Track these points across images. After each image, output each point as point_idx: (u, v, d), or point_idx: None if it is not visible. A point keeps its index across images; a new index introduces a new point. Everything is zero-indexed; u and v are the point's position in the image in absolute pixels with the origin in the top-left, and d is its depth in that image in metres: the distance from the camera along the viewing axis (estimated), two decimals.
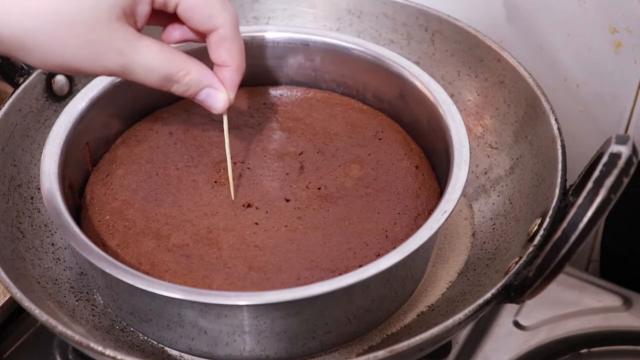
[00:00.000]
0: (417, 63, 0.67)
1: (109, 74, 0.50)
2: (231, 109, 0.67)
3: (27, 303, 0.52)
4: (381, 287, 0.55)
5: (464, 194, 0.64)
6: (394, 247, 0.53)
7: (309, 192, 0.61)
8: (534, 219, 0.56)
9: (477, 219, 0.64)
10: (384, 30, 0.72)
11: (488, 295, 0.52)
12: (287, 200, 0.61)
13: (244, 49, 0.53)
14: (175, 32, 0.54)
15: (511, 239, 0.59)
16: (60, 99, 0.66)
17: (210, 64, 0.55)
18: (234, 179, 0.62)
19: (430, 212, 0.57)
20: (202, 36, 0.54)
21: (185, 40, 0.54)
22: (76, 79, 0.67)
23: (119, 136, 0.65)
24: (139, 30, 0.50)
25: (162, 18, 0.54)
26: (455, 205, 0.55)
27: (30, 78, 0.65)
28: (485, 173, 0.66)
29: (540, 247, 0.53)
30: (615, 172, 0.49)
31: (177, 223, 0.59)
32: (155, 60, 0.50)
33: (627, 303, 0.74)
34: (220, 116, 0.67)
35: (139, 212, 0.59)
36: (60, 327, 0.51)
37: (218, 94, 0.54)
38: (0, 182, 0.61)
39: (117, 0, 0.47)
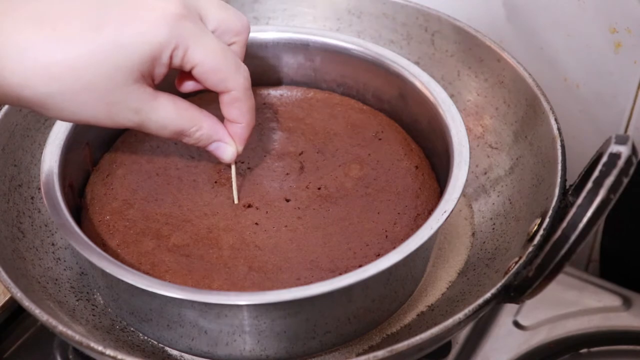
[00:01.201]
0: (417, 63, 0.67)
1: (126, 128, 0.53)
2: None
3: (27, 303, 0.52)
4: (381, 287, 0.55)
5: (463, 194, 0.64)
6: (394, 247, 0.53)
7: (309, 192, 0.61)
8: (534, 219, 0.56)
9: (477, 219, 0.64)
10: (384, 30, 0.72)
11: (488, 295, 0.52)
12: (287, 200, 0.61)
13: (254, 107, 0.55)
14: (189, 83, 0.55)
15: (511, 239, 0.59)
16: None
17: None
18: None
19: (430, 212, 0.57)
20: (215, 91, 0.55)
21: (199, 91, 0.56)
22: None
23: (120, 136, 0.65)
24: (155, 85, 0.52)
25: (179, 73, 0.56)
26: (455, 205, 0.55)
27: None
28: (485, 173, 0.66)
29: (540, 247, 0.53)
30: (614, 172, 0.49)
31: (178, 223, 0.59)
32: (169, 118, 0.52)
33: (627, 303, 0.74)
34: (216, 115, 0.67)
35: (139, 212, 0.59)
36: (61, 327, 0.51)
37: (227, 147, 0.56)
38: (0, 182, 0.61)
39: (135, 64, 0.48)
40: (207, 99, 0.68)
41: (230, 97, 0.53)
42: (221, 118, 0.56)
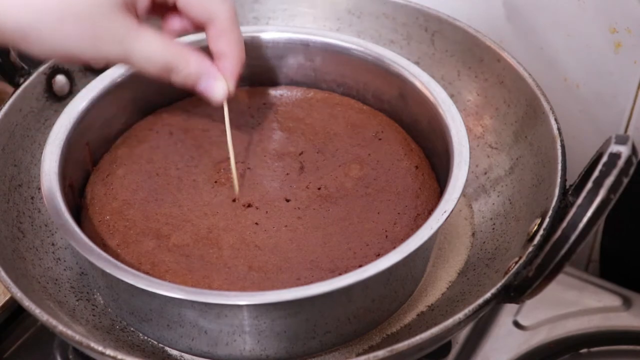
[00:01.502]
0: (417, 63, 0.67)
1: (111, 62, 0.51)
2: (231, 110, 0.67)
3: (27, 303, 0.52)
4: (381, 287, 0.55)
5: (463, 194, 0.64)
6: (394, 247, 0.53)
7: (309, 192, 0.61)
8: (534, 219, 0.56)
9: (477, 219, 0.64)
10: (384, 30, 0.72)
11: (488, 295, 0.52)
12: (287, 200, 0.61)
13: (242, 40, 0.54)
14: (175, 23, 0.54)
15: (511, 239, 0.59)
16: (60, 99, 0.67)
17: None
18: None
19: (430, 212, 0.57)
20: (201, 28, 0.54)
21: (186, 32, 0.55)
22: (76, 79, 0.67)
23: (120, 136, 0.65)
24: (139, 20, 0.51)
25: (162, 10, 0.55)
26: (455, 205, 0.55)
27: (31, 78, 0.65)
28: (485, 173, 0.66)
29: (540, 247, 0.53)
30: (615, 172, 0.49)
31: (178, 223, 0.59)
32: (155, 50, 0.51)
33: (627, 303, 0.74)
34: (220, 116, 0.67)
35: (139, 212, 0.59)
36: (61, 327, 0.51)
37: (217, 84, 0.54)
38: (0, 182, 0.61)
39: None
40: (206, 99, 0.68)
41: (216, 28, 0.52)
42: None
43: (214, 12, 0.52)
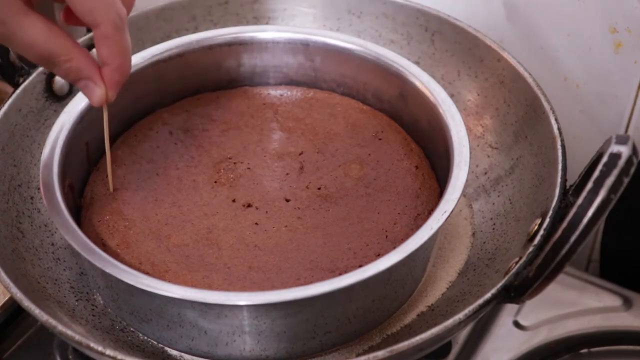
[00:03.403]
0: (417, 63, 0.67)
1: None
2: (232, 109, 0.68)
3: (27, 303, 0.52)
4: (381, 287, 0.55)
5: (464, 194, 0.64)
6: (394, 247, 0.53)
7: (309, 192, 0.61)
8: (534, 219, 0.56)
9: (477, 219, 0.64)
10: (384, 30, 0.72)
11: (488, 295, 0.52)
12: (287, 200, 0.61)
13: (127, 50, 0.53)
14: (72, 14, 0.52)
15: (511, 239, 0.59)
16: (60, 99, 0.66)
17: None
18: (234, 179, 0.62)
19: (430, 212, 0.57)
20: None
21: (82, 25, 0.53)
22: None
23: (119, 136, 0.65)
24: (31, 6, 0.50)
25: None
26: (455, 205, 0.55)
27: (30, 78, 0.65)
28: (485, 173, 0.66)
29: (540, 247, 0.53)
30: (615, 172, 0.49)
31: (177, 223, 0.59)
32: (38, 38, 0.50)
33: (627, 303, 0.74)
34: (220, 116, 0.67)
35: (139, 212, 0.59)
36: (60, 327, 0.51)
37: (95, 89, 0.53)
38: (0, 182, 0.61)
39: None
40: (206, 99, 0.68)
41: (99, 32, 0.51)
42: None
43: (97, 17, 0.50)
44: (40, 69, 0.65)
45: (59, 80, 0.66)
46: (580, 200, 0.49)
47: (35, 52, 0.51)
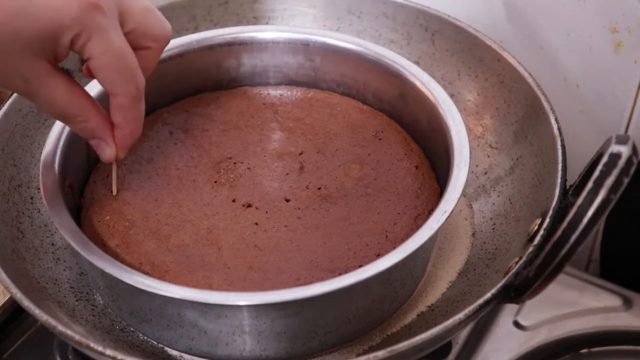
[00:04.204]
0: (417, 63, 0.67)
1: (13, 92, 0.52)
2: (231, 109, 0.68)
3: (27, 303, 0.52)
4: (381, 287, 0.55)
5: (464, 194, 0.64)
6: (394, 247, 0.53)
7: (309, 192, 0.61)
8: (534, 219, 0.56)
9: (477, 219, 0.64)
10: (384, 30, 0.72)
11: (488, 295, 0.52)
12: (287, 200, 0.61)
13: (141, 117, 0.55)
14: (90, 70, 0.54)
15: (511, 239, 0.59)
16: None
17: None
18: (234, 179, 0.62)
19: (430, 212, 0.57)
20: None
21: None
22: (76, 79, 0.67)
23: None
24: (54, 66, 0.51)
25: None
26: (455, 205, 0.55)
27: None
28: (485, 173, 0.66)
29: (540, 247, 0.53)
30: (615, 172, 0.49)
31: (178, 223, 0.59)
32: (58, 99, 0.52)
33: (627, 303, 0.74)
34: (220, 116, 0.67)
35: (139, 212, 0.59)
36: (60, 327, 0.51)
37: (106, 148, 0.56)
38: (0, 182, 0.61)
39: (34, 35, 0.48)
40: (206, 99, 0.68)
41: (116, 101, 0.53)
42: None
43: (118, 89, 0.52)
44: None
45: None
46: (580, 200, 0.49)
47: (55, 111, 0.53)
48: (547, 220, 0.54)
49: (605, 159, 0.49)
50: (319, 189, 0.61)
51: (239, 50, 0.68)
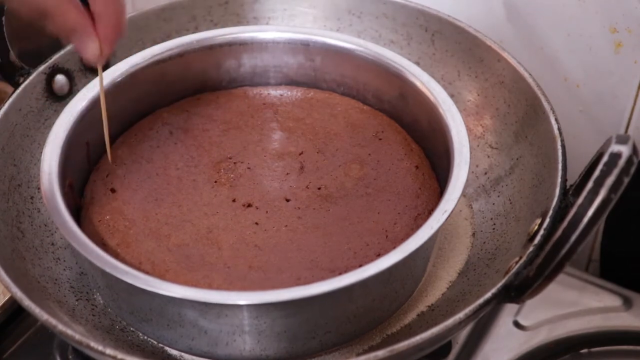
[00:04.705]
0: (417, 63, 0.67)
1: None
2: (231, 109, 0.68)
3: (27, 302, 0.52)
4: (381, 286, 0.55)
5: (464, 194, 0.64)
6: (394, 247, 0.53)
7: (309, 192, 0.61)
8: (534, 218, 0.56)
9: (477, 219, 0.64)
10: (384, 30, 0.72)
11: (488, 295, 0.52)
12: (287, 200, 0.61)
13: (124, 8, 0.52)
14: None
15: (511, 239, 0.59)
16: (60, 99, 0.66)
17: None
18: (234, 179, 0.62)
19: (431, 212, 0.57)
20: None
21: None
22: (76, 79, 0.67)
23: (119, 136, 0.65)
24: None
25: None
26: (456, 205, 0.55)
27: (30, 78, 0.65)
28: (486, 173, 0.66)
29: (540, 246, 0.53)
30: (615, 172, 0.49)
31: (177, 223, 0.59)
32: None
33: (627, 303, 0.74)
34: (220, 116, 0.67)
35: (139, 212, 0.59)
36: (60, 327, 0.51)
37: (89, 43, 0.53)
38: (0, 182, 0.61)
39: None
40: (206, 99, 0.68)
41: None
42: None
43: None
44: (41, 68, 0.65)
45: (59, 80, 0.66)
46: (580, 200, 0.49)
47: (28, 7, 0.50)
48: (548, 220, 0.54)
49: (605, 158, 0.49)
50: (319, 188, 0.61)
51: (239, 50, 0.68)
